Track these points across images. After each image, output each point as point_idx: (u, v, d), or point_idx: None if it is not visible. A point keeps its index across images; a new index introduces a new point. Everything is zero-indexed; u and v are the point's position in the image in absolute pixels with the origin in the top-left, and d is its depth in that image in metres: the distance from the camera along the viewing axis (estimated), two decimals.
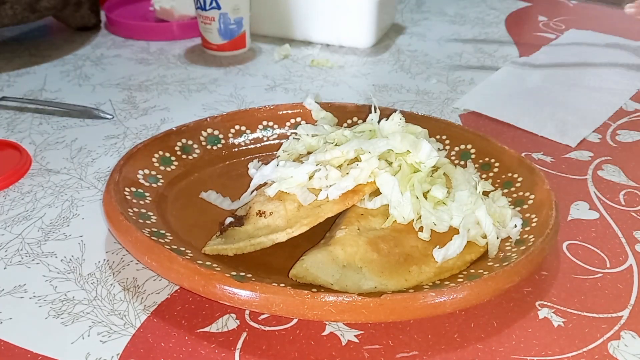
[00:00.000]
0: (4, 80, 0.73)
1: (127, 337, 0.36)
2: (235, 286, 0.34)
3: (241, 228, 0.42)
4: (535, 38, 0.87)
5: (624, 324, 0.37)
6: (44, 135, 0.60)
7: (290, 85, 0.72)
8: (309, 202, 0.41)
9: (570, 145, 0.58)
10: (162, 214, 0.45)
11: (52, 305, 0.39)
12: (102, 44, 0.85)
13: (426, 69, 0.76)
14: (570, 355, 0.35)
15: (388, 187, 0.40)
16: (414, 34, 0.89)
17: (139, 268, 0.42)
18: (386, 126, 0.45)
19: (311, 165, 0.42)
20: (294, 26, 0.84)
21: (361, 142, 0.43)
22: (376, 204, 0.42)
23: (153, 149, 0.50)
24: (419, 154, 0.42)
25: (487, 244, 0.41)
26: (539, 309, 0.39)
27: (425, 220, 0.40)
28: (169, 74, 0.75)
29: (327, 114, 0.55)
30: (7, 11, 0.74)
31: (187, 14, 0.88)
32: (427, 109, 0.66)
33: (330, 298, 0.33)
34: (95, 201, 0.50)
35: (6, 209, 0.49)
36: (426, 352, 0.35)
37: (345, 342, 0.36)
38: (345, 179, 0.41)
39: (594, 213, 0.48)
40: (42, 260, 0.43)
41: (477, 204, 0.41)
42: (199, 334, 0.37)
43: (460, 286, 0.35)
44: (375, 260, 0.38)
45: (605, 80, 0.72)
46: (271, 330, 0.37)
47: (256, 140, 0.55)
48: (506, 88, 0.70)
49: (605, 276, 0.41)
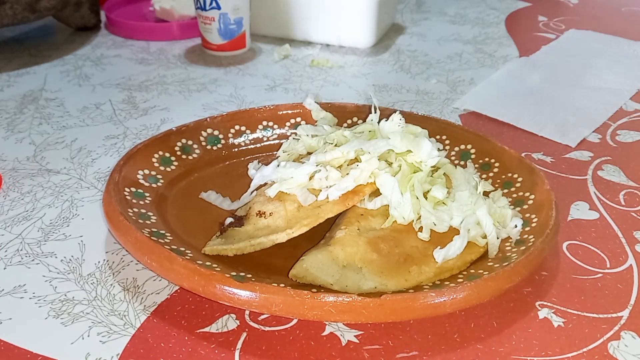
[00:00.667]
0: (4, 80, 0.73)
1: (127, 337, 0.36)
2: (235, 286, 0.34)
3: (241, 228, 0.42)
4: (535, 38, 0.87)
5: (624, 324, 0.37)
6: (44, 135, 0.60)
7: (290, 85, 0.72)
8: (309, 202, 0.41)
9: (570, 145, 0.58)
10: (162, 214, 0.45)
11: (52, 305, 0.39)
12: (102, 44, 0.85)
13: (426, 69, 0.76)
14: (570, 355, 0.35)
15: (388, 188, 0.40)
16: (414, 34, 0.89)
17: (139, 268, 0.42)
18: (386, 127, 0.45)
19: (311, 166, 0.42)
20: (294, 26, 0.84)
21: (361, 142, 0.43)
22: (376, 205, 0.42)
23: (153, 149, 0.50)
24: (420, 153, 0.42)
25: (487, 244, 0.41)
26: (539, 309, 0.39)
27: (425, 220, 0.40)
28: (169, 74, 0.75)
29: (327, 114, 0.55)
30: (7, 11, 0.74)
31: (187, 14, 0.88)
32: (427, 109, 0.66)
33: (330, 298, 0.33)
34: (95, 201, 0.50)
35: (6, 209, 0.49)
36: (426, 352, 0.35)
37: (345, 343, 0.36)
38: (345, 180, 0.41)
39: (594, 213, 0.48)
40: (42, 261, 0.43)
41: (477, 204, 0.41)
42: (198, 334, 0.37)
43: (460, 286, 0.35)
44: (375, 261, 0.38)
45: (605, 80, 0.72)
46: (271, 330, 0.37)
47: (256, 140, 0.55)
48: (506, 88, 0.70)
49: (605, 276, 0.41)
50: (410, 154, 0.42)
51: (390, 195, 0.40)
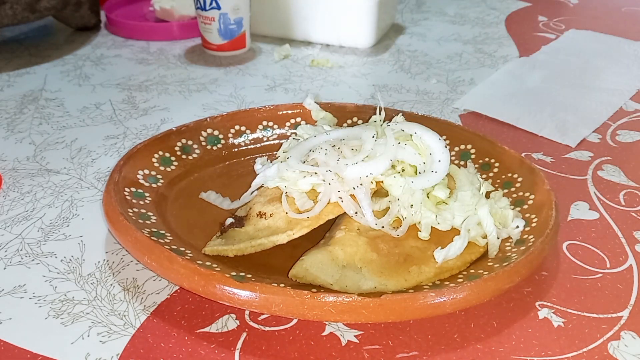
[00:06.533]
0: (4, 80, 0.73)
1: (127, 337, 0.36)
2: (235, 286, 0.34)
3: (241, 229, 0.42)
4: (535, 38, 0.87)
5: (624, 324, 0.37)
6: (44, 135, 0.60)
7: (290, 85, 0.72)
8: (306, 207, 0.41)
9: (570, 145, 0.58)
10: (162, 214, 0.45)
11: (52, 305, 0.39)
12: (102, 44, 0.85)
13: (426, 69, 0.76)
14: (570, 355, 0.35)
15: (398, 189, 0.40)
16: (414, 34, 0.89)
17: (139, 268, 0.42)
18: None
19: (317, 178, 0.42)
20: (294, 26, 0.84)
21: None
22: (382, 206, 0.41)
23: (153, 149, 0.50)
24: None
25: (487, 244, 0.41)
26: (539, 309, 0.39)
27: (425, 219, 0.40)
28: (169, 74, 0.75)
29: (327, 114, 0.55)
30: (7, 11, 0.74)
31: (187, 14, 0.88)
32: (427, 109, 0.66)
33: (330, 298, 0.33)
34: (95, 201, 0.50)
35: (6, 209, 0.49)
36: (426, 352, 0.35)
37: (345, 342, 0.36)
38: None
39: (594, 213, 0.48)
40: (42, 261, 0.43)
41: (479, 205, 0.41)
42: (198, 334, 0.37)
43: (460, 286, 0.35)
44: (375, 261, 0.38)
45: (605, 80, 0.72)
46: (271, 330, 0.37)
47: (256, 140, 0.55)
48: (506, 88, 0.70)
49: (605, 276, 0.41)
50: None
51: (400, 196, 0.40)
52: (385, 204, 0.41)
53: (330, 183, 0.40)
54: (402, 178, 0.40)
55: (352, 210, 0.40)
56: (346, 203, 0.40)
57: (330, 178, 0.40)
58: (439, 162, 0.42)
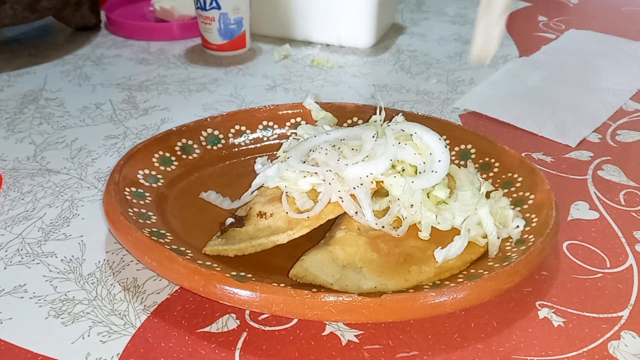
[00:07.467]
0: (4, 80, 0.73)
1: (127, 337, 0.36)
2: (235, 286, 0.34)
3: (242, 229, 0.42)
4: (535, 38, 0.87)
5: (624, 324, 0.37)
6: (44, 135, 0.60)
7: (290, 85, 0.72)
8: (306, 207, 0.41)
9: (570, 145, 0.58)
10: (162, 214, 0.45)
11: (52, 305, 0.39)
12: (102, 44, 0.85)
13: (426, 69, 0.76)
14: (570, 355, 0.35)
15: (398, 189, 0.40)
16: (414, 34, 0.89)
17: (139, 268, 0.42)
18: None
19: (317, 178, 0.42)
20: (294, 26, 0.84)
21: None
22: (382, 206, 0.41)
23: (153, 149, 0.50)
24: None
25: (487, 244, 0.41)
26: (539, 309, 0.39)
27: (425, 219, 0.40)
28: (169, 74, 0.75)
29: (327, 114, 0.55)
30: (7, 11, 0.74)
31: (187, 14, 0.88)
32: (427, 109, 0.66)
33: (330, 298, 0.33)
34: (95, 201, 0.50)
35: (6, 209, 0.49)
36: (426, 352, 0.35)
37: (345, 342, 0.36)
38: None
39: (594, 213, 0.48)
40: (42, 260, 0.43)
41: (479, 204, 0.41)
42: (199, 334, 0.37)
43: (460, 286, 0.35)
44: (375, 260, 0.38)
45: (605, 80, 0.72)
46: (271, 330, 0.37)
47: (256, 140, 0.55)
48: (506, 88, 0.70)
49: (605, 276, 0.41)
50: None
51: (400, 196, 0.40)
52: (385, 204, 0.41)
53: (331, 183, 0.40)
54: (402, 178, 0.40)
55: (352, 210, 0.40)
56: (346, 203, 0.40)
57: (330, 178, 0.40)
58: (439, 162, 0.42)
